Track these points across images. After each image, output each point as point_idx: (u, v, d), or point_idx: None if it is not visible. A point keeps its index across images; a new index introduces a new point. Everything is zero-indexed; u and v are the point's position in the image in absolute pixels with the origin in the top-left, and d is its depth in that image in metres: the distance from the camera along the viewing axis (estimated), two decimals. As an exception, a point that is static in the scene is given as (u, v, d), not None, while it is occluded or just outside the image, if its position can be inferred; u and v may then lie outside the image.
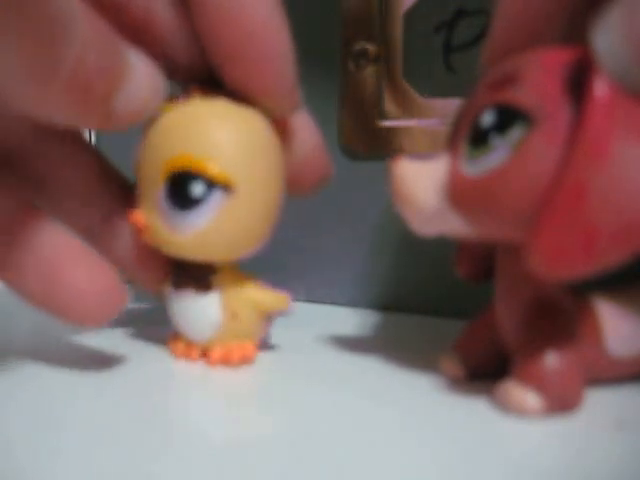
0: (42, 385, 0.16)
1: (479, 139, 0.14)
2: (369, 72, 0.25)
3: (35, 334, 0.22)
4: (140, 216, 0.17)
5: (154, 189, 0.17)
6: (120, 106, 0.15)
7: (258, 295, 0.19)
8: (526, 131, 0.13)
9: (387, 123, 0.25)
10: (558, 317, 0.15)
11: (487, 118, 0.14)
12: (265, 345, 0.20)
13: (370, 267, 0.26)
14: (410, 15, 0.24)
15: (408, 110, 0.24)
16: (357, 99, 0.25)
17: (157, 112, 0.17)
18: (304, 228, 0.27)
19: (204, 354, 0.18)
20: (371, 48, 0.25)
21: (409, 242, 0.16)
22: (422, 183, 0.15)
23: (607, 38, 0.12)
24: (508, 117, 0.14)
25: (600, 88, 0.12)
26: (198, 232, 0.17)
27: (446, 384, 0.16)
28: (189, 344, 0.18)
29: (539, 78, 0.14)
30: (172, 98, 0.17)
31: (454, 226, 0.15)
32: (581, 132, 0.12)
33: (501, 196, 0.14)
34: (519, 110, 0.14)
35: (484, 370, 0.17)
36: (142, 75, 0.16)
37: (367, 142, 0.25)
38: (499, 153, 0.14)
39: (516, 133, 0.14)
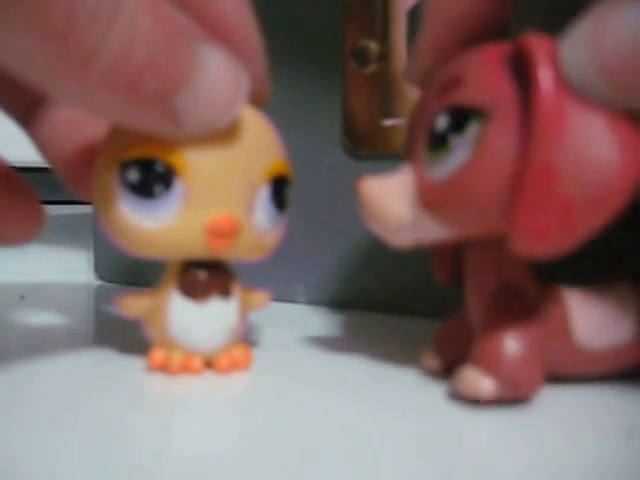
0: (37, 388, 0.16)
1: (437, 142, 0.15)
2: (372, 70, 0.24)
3: (31, 337, 0.21)
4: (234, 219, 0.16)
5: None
6: (185, 111, 0.14)
7: (251, 296, 0.18)
8: (482, 125, 0.14)
9: (390, 122, 0.24)
10: (519, 304, 0.16)
11: (441, 122, 0.14)
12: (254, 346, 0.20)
13: (374, 266, 0.26)
14: (414, 12, 0.24)
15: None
16: (360, 98, 0.25)
17: (239, 118, 0.16)
18: (304, 227, 0.26)
19: (207, 364, 0.17)
20: (374, 46, 0.24)
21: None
22: (392, 197, 0.15)
23: (574, 50, 0.13)
24: (462, 116, 0.14)
25: (543, 67, 0.13)
26: None
27: (438, 382, 0.16)
28: (188, 356, 0.17)
29: (482, 73, 0.14)
30: None
31: (430, 232, 0.15)
32: (536, 112, 0.13)
33: (472, 190, 0.14)
34: (471, 107, 0.14)
35: (461, 363, 0.17)
36: (216, 75, 0.14)
37: (370, 141, 0.25)
38: (460, 151, 0.14)
39: (473, 129, 0.14)
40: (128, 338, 0.19)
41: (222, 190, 0.16)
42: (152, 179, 0.15)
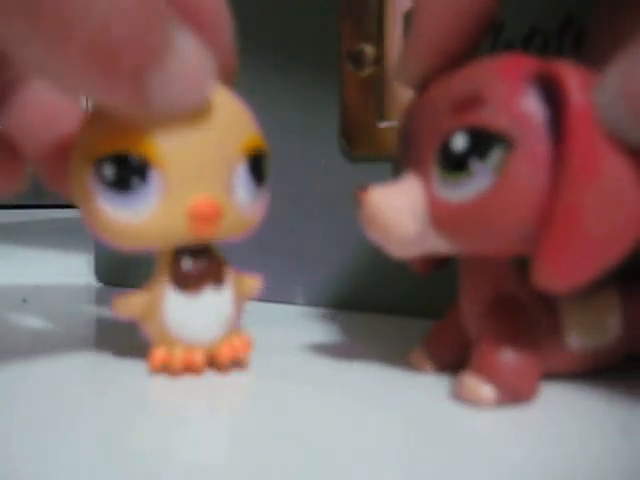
0: (39, 390, 0.16)
1: (455, 163, 0.14)
2: (368, 73, 0.25)
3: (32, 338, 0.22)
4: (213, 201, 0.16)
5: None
6: (156, 90, 0.14)
7: (245, 281, 0.18)
8: (505, 153, 0.14)
9: (386, 124, 0.25)
10: (517, 311, 0.16)
11: (459, 142, 0.14)
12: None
13: (372, 268, 0.26)
14: (409, 16, 0.24)
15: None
16: (356, 100, 0.25)
17: (202, 104, 0.16)
18: (302, 229, 0.27)
19: (210, 360, 0.17)
20: (370, 49, 0.24)
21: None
22: (399, 211, 0.15)
23: (604, 95, 0.13)
24: (484, 141, 0.14)
25: (578, 112, 0.13)
26: None
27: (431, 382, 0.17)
28: (189, 350, 0.17)
29: (506, 95, 0.14)
30: None
31: (437, 247, 0.15)
32: (571, 153, 0.13)
33: (493, 219, 0.14)
34: (494, 133, 0.14)
35: (452, 364, 0.17)
36: (187, 59, 0.14)
37: (366, 144, 0.25)
38: (481, 177, 0.14)
39: (496, 156, 0.14)
40: (128, 340, 0.19)
41: (199, 174, 0.16)
42: (127, 173, 0.15)
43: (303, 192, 0.26)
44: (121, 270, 0.31)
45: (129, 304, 0.17)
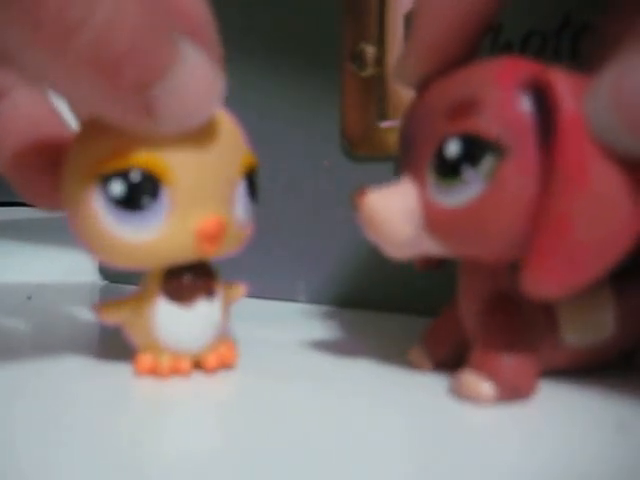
0: (40, 387, 0.16)
1: (448, 169, 0.14)
2: (370, 73, 0.25)
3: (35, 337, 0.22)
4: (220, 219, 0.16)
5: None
6: (162, 103, 0.14)
7: (231, 289, 0.18)
8: (497, 161, 0.14)
9: (387, 124, 0.25)
10: (515, 310, 0.16)
11: (453, 148, 0.14)
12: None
13: (374, 265, 0.26)
14: (410, 16, 0.24)
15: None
16: (358, 100, 0.25)
17: (210, 119, 0.15)
18: (304, 229, 0.27)
19: (196, 365, 0.17)
20: (371, 49, 0.25)
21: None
22: (395, 215, 0.15)
23: (596, 103, 0.13)
24: (477, 148, 0.14)
25: (569, 121, 0.13)
26: None
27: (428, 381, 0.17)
28: (177, 358, 0.17)
29: (499, 104, 0.14)
30: None
31: (432, 250, 0.15)
32: (558, 161, 0.13)
33: (485, 224, 0.14)
34: (487, 140, 0.14)
35: (450, 362, 0.17)
36: (195, 72, 0.14)
37: (368, 143, 0.25)
38: (474, 184, 0.14)
39: (487, 163, 0.14)
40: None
41: (207, 192, 0.16)
42: (138, 190, 0.15)
43: (305, 191, 0.27)
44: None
45: (114, 311, 0.17)
